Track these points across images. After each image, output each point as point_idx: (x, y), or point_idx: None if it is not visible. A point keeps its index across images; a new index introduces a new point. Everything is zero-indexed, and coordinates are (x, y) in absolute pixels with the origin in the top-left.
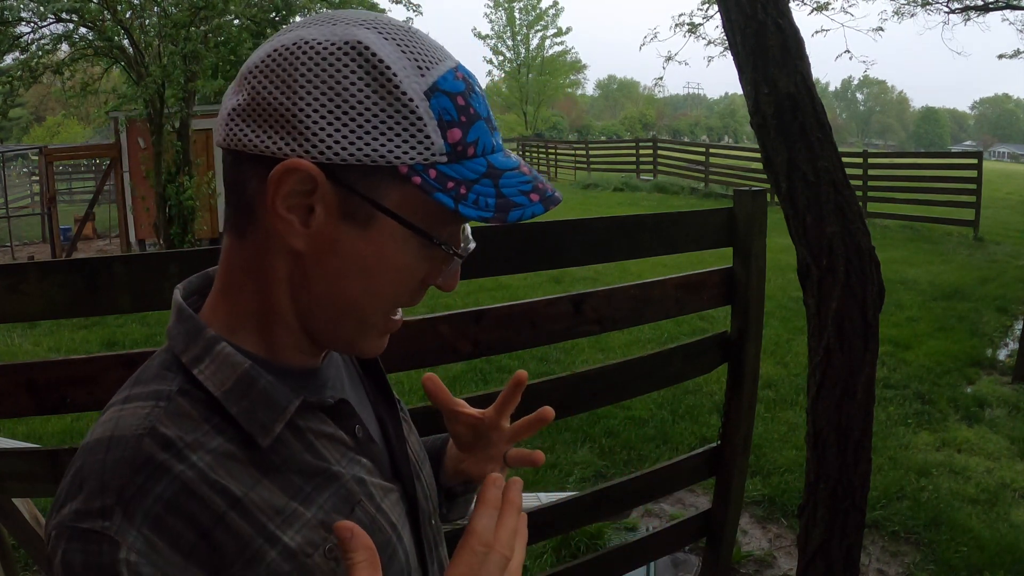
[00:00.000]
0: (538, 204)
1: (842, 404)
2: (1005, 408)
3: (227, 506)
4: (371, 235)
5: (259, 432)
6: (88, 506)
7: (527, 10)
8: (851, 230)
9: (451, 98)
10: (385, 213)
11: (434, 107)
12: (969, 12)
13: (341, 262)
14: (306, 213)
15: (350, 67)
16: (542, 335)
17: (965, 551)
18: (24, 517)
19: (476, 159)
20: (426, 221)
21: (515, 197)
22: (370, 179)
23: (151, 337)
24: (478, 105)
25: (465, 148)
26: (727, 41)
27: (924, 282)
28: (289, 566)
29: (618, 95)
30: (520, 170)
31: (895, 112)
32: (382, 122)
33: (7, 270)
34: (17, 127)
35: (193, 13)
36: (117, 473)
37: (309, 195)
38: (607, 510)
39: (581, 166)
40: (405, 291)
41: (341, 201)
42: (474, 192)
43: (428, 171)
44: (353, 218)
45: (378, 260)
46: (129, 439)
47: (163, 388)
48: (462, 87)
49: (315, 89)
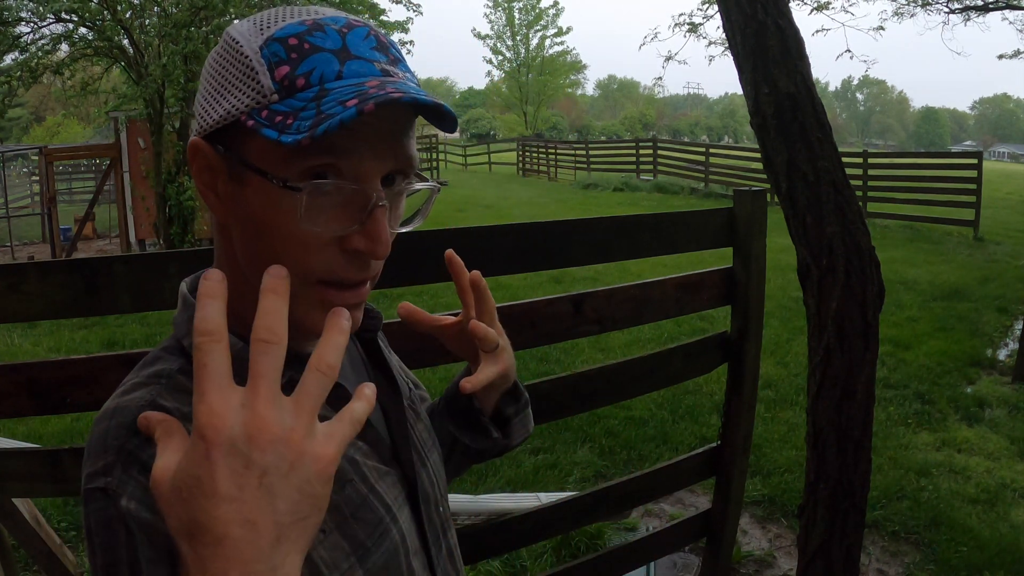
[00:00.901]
0: (351, 108)
1: (842, 404)
2: (1005, 408)
3: None
4: (248, 191)
5: None
6: (94, 468)
7: (527, 10)
8: (851, 230)
9: (282, 42)
10: (243, 165)
11: (265, 54)
12: (969, 12)
13: (242, 224)
14: (215, 185)
15: (218, 52)
16: (542, 335)
17: (965, 551)
18: (24, 517)
19: (309, 89)
20: (275, 165)
21: (331, 109)
22: (235, 138)
23: (151, 337)
24: (323, 41)
25: (293, 81)
26: (727, 41)
27: (924, 282)
28: None
29: (618, 95)
30: (361, 84)
31: (895, 112)
32: (230, 83)
33: (7, 270)
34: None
35: (193, 13)
36: (117, 435)
37: (211, 168)
38: (607, 510)
39: (581, 166)
40: (305, 253)
41: (227, 165)
42: (299, 119)
43: (260, 112)
44: (235, 179)
45: (261, 217)
46: (131, 409)
47: (164, 368)
48: (300, 30)
49: (203, 80)
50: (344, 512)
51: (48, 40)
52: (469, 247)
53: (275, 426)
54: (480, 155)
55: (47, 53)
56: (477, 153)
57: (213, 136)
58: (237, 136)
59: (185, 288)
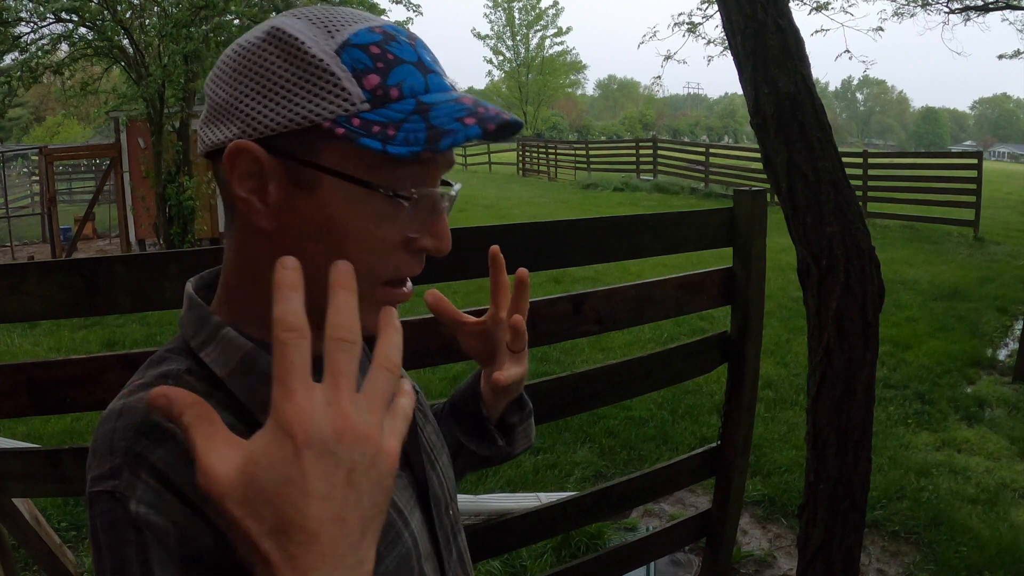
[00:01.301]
0: (473, 127)
1: (842, 404)
2: (1005, 408)
3: None
4: (320, 198)
5: (259, 409)
6: (100, 470)
7: (526, 10)
8: (851, 230)
9: (363, 49)
10: (324, 171)
11: (345, 61)
12: (969, 12)
13: (302, 231)
14: (263, 191)
15: (267, 50)
16: (542, 335)
17: (965, 551)
18: (24, 517)
19: (403, 100)
20: (368, 173)
21: (447, 125)
22: (305, 144)
23: (151, 337)
24: (401, 51)
25: (387, 91)
26: (727, 41)
27: (924, 282)
28: None
29: (618, 95)
30: (459, 101)
31: (895, 112)
32: (299, 87)
33: (7, 270)
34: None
35: (194, 13)
36: (124, 436)
37: (260, 173)
38: (607, 510)
39: (581, 166)
40: (379, 256)
41: (287, 171)
42: (403, 131)
43: (351, 120)
44: (301, 185)
45: (333, 222)
46: (138, 410)
47: (172, 368)
48: (378, 38)
49: (244, 77)
50: None
51: (48, 40)
52: (469, 247)
53: (359, 424)
54: (480, 155)
55: (47, 53)
56: (477, 153)
57: (266, 140)
58: (308, 141)
59: (191, 289)
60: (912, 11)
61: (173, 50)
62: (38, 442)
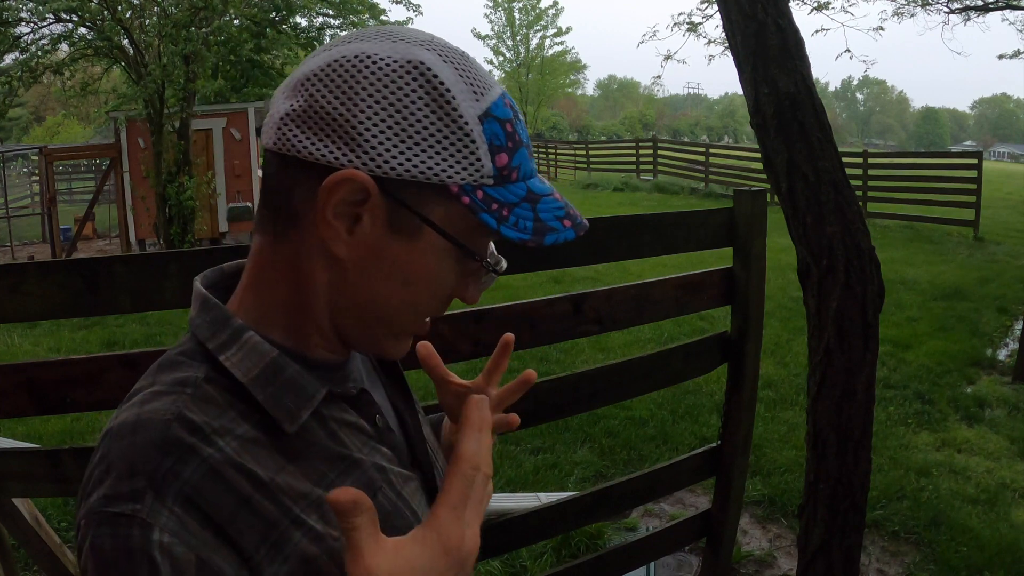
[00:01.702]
0: (570, 230)
1: (842, 404)
2: (1005, 408)
3: (253, 489)
4: (417, 247)
5: (285, 418)
6: (117, 490)
7: (527, 10)
8: (851, 230)
9: (501, 124)
10: (433, 228)
11: (486, 131)
12: (969, 12)
13: (383, 271)
14: (352, 221)
15: (411, 86)
16: (542, 335)
17: (965, 551)
18: (24, 517)
19: (518, 183)
20: (465, 237)
21: (551, 222)
22: (421, 194)
23: (151, 337)
24: (522, 132)
25: (510, 172)
26: (727, 41)
27: (924, 282)
28: (316, 548)
29: (618, 95)
30: (554, 196)
31: (895, 112)
32: (438, 142)
33: (7, 270)
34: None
35: (193, 13)
36: (146, 456)
37: (359, 205)
38: (607, 510)
39: (581, 166)
40: (438, 302)
41: (390, 213)
42: (514, 215)
43: (476, 192)
44: (400, 230)
45: (419, 271)
46: (157, 423)
47: (189, 375)
48: (510, 114)
49: (376, 104)
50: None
51: (48, 40)
52: None
53: (476, 544)
54: None
55: (47, 53)
56: None
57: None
58: (425, 194)
59: (200, 287)
60: (912, 11)
61: (172, 51)
62: (38, 442)
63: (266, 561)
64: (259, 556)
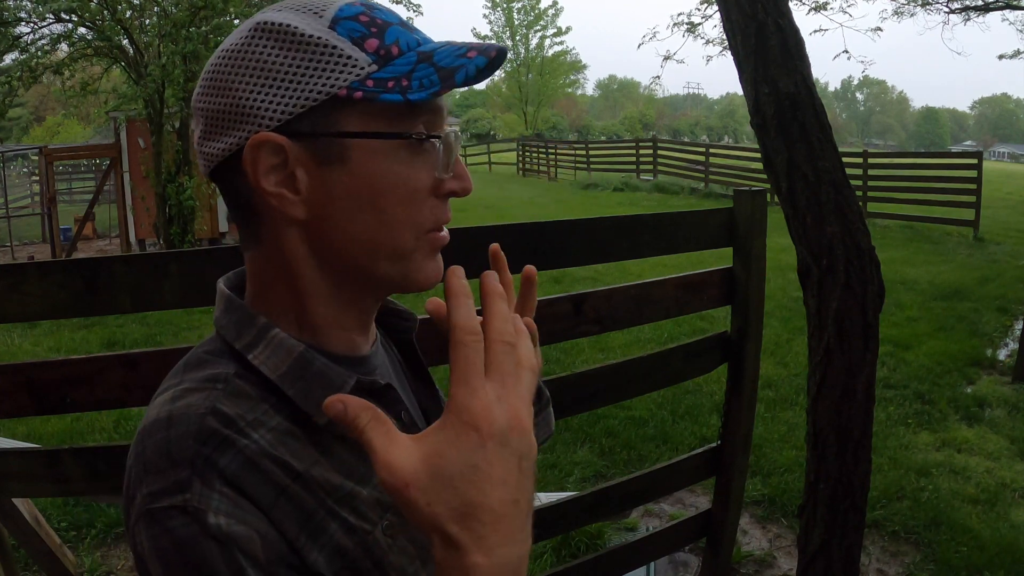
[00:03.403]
0: (478, 57)
1: (842, 404)
2: (1005, 408)
3: (290, 479)
4: (353, 166)
5: (316, 411)
6: (162, 484)
7: (526, 10)
8: (851, 230)
9: (354, 19)
10: (354, 137)
11: (342, 32)
12: (969, 12)
13: (347, 208)
14: (291, 181)
15: (259, 44)
16: (542, 335)
17: (965, 551)
18: (24, 517)
19: (404, 55)
20: (393, 127)
21: (455, 63)
22: (324, 119)
23: (151, 337)
24: (384, 16)
25: (388, 50)
26: (727, 41)
27: (924, 282)
28: (350, 541)
29: (618, 95)
30: (451, 43)
31: (895, 112)
32: (306, 67)
33: (7, 270)
34: (17, 127)
35: (193, 13)
36: (184, 447)
37: (284, 164)
38: (607, 510)
39: (581, 166)
40: (418, 207)
41: (313, 152)
42: (415, 79)
43: (365, 83)
44: (331, 160)
45: (372, 185)
46: (192, 417)
47: (219, 372)
48: (360, 9)
49: (242, 76)
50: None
51: (48, 40)
52: (469, 247)
53: (524, 418)
54: (480, 155)
55: (47, 53)
56: (477, 153)
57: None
58: (326, 116)
59: (224, 287)
60: (912, 11)
61: (172, 50)
62: (38, 442)
63: (307, 548)
64: (300, 543)
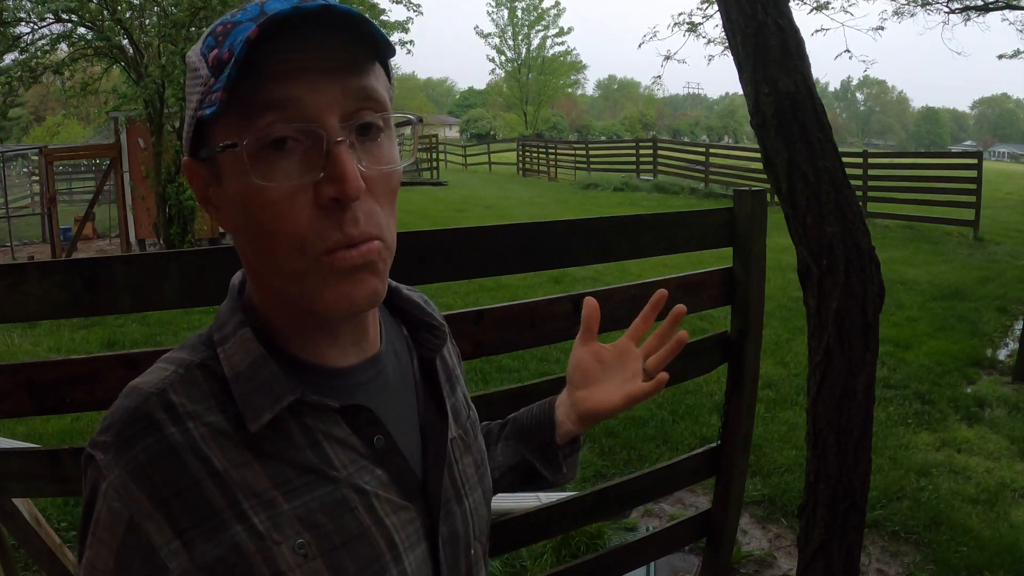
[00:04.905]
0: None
1: (842, 404)
2: (1005, 408)
3: (206, 474)
4: (226, 183)
5: (250, 416)
6: (98, 438)
7: (529, 10)
8: (851, 230)
9: (213, 34)
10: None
11: (202, 52)
12: (969, 12)
13: (233, 223)
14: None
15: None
16: (542, 335)
17: (965, 551)
18: (24, 517)
19: (232, 58)
20: (234, 137)
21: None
22: (201, 141)
23: (151, 337)
24: (243, 15)
25: (220, 58)
26: (727, 41)
27: (924, 282)
28: (254, 546)
29: (618, 95)
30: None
31: (895, 112)
32: (190, 95)
33: (7, 270)
34: (17, 127)
35: (193, 13)
36: (120, 418)
37: (204, 183)
38: (607, 510)
39: (581, 166)
40: (290, 221)
41: (208, 172)
42: (219, 80)
43: (205, 99)
44: (216, 179)
45: (241, 202)
46: (140, 394)
47: (188, 358)
48: (224, 19)
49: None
50: (335, 541)
51: (48, 40)
52: (469, 247)
53: None
54: (480, 155)
55: (47, 53)
56: (477, 153)
57: (193, 151)
58: (205, 136)
59: (235, 280)
60: (912, 11)
61: (171, 51)
62: (38, 442)
63: (199, 539)
64: (194, 533)
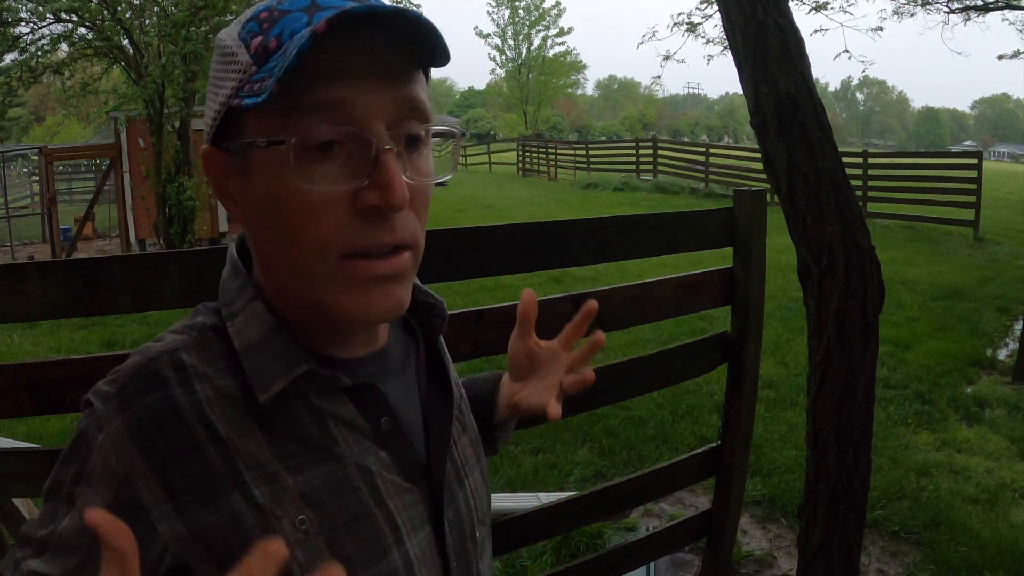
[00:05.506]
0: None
1: (842, 404)
2: (1005, 408)
3: (207, 440)
4: (254, 177)
5: (260, 386)
6: (101, 387)
7: (529, 10)
8: (851, 230)
9: (255, 19)
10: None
11: (242, 37)
12: (969, 12)
13: (254, 219)
14: (227, 191)
15: (212, 60)
16: (542, 335)
17: (965, 551)
18: (24, 517)
19: (280, 48)
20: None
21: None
22: (231, 130)
23: (151, 337)
24: (292, 3)
25: (266, 46)
26: (727, 41)
27: (924, 282)
28: (252, 518)
29: (618, 95)
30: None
31: (895, 112)
32: (217, 83)
33: (7, 270)
34: (17, 127)
35: (193, 13)
36: (127, 372)
37: (224, 173)
38: (607, 510)
39: (581, 166)
40: (320, 225)
41: (233, 162)
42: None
43: (243, 88)
44: (241, 171)
45: (269, 197)
46: (151, 352)
47: (199, 321)
48: (269, 5)
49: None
50: (337, 520)
51: (48, 40)
52: (469, 247)
53: None
54: (480, 155)
55: (47, 53)
56: (477, 153)
57: (217, 139)
58: (235, 126)
59: (233, 252)
60: (912, 11)
61: (172, 51)
62: (38, 442)
63: (195, 505)
64: (189, 497)
